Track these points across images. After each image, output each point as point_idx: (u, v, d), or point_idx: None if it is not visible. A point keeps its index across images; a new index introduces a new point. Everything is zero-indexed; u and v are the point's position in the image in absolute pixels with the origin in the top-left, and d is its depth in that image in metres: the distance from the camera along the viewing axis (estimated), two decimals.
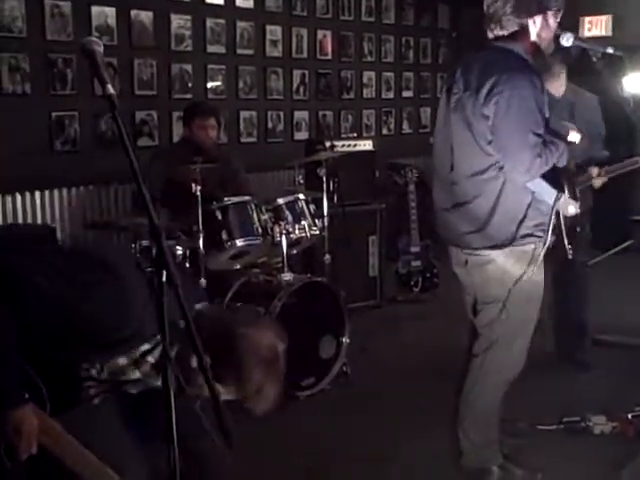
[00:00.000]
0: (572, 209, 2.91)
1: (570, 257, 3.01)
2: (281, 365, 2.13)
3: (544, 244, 2.95)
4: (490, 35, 2.98)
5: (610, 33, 7.95)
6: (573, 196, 2.96)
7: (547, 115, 2.90)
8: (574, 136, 3.06)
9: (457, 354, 3.35)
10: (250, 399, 2.09)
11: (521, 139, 2.79)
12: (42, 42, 5.43)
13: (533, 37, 2.93)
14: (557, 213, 2.93)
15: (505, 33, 2.93)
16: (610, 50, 3.07)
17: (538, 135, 2.80)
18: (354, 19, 7.77)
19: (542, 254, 2.98)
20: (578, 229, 3.09)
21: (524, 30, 2.92)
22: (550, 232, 2.93)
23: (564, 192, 2.92)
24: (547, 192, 2.91)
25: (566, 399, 3.99)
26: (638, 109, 4.18)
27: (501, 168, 2.89)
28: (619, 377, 4.29)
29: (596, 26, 8.04)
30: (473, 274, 3.09)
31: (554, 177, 2.91)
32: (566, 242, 2.99)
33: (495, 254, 2.98)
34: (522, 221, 2.93)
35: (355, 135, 6.86)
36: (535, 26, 2.92)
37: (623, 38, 7.33)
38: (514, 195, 2.92)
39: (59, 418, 2.05)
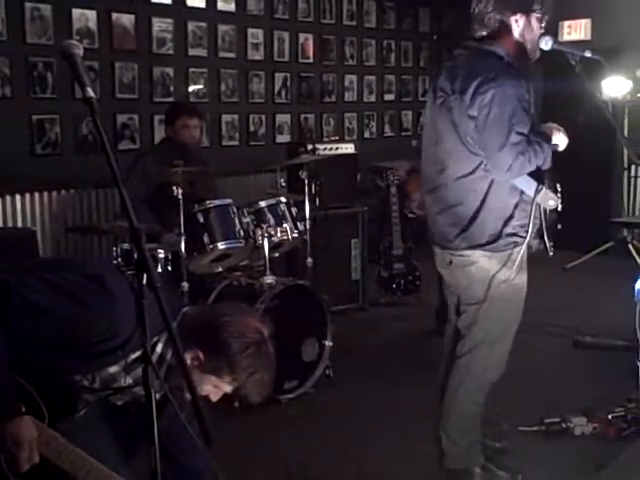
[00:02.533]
0: (552, 202, 2.92)
1: (551, 254, 3.02)
2: (270, 348, 2.18)
3: (525, 243, 2.96)
4: (475, 36, 3.00)
5: (589, 37, 8.02)
6: (553, 189, 2.98)
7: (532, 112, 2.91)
8: (560, 139, 3.02)
9: (440, 356, 3.36)
10: (244, 386, 2.12)
11: (502, 137, 2.80)
12: (22, 45, 5.41)
13: (516, 36, 2.95)
14: (538, 207, 2.94)
15: (486, 32, 2.95)
16: (588, 54, 3.09)
17: (521, 134, 2.81)
18: (335, 23, 7.79)
19: (525, 255, 3.00)
20: (559, 226, 3.10)
21: (505, 28, 2.94)
22: (531, 229, 2.94)
23: (544, 184, 2.92)
24: (527, 184, 2.92)
25: (547, 400, 4.01)
26: (617, 112, 4.22)
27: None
28: (600, 378, 4.33)
29: (575, 30, 8.11)
30: (457, 275, 3.11)
31: (535, 170, 2.91)
32: (546, 239, 3.00)
33: (478, 255, 2.99)
34: (508, 220, 2.95)
35: (337, 138, 6.87)
36: (518, 25, 2.94)
37: (602, 42, 7.39)
38: (501, 195, 2.94)
39: (55, 428, 2.05)
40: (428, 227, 3.20)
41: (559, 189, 3.02)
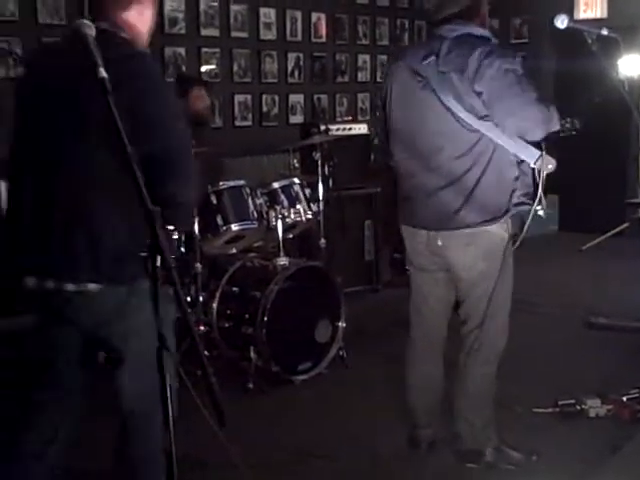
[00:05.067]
0: (551, 167, 2.93)
1: (544, 217, 3.02)
2: None
3: (532, 210, 2.97)
4: (441, 16, 2.97)
5: (605, 15, 7.91)
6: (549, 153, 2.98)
7: None
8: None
9: (454, 337, 3.36)
10: None
11: (527, 96, 2.84)
12: (34, 26, 5.39)
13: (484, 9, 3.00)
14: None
15: (459, 8, 2.94)
16: (605, 32, 3.05)
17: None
18: (348, 1, 7.72)
19: (528, 223, 3.00)
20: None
21: (476, 3, 2.97)
22: (538, 199, 2.95)
23: (543, 150, 2.93)
24: (527, 151, 2.93)
25: (561, 382, 4.00)
26: (633, 91, 4.17)
27: (489, 141, 2.89)
28: (614, 360, 4.31)
29: (591, 8, 8.01)
30: (453, 256, 3.05)
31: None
32: (540, 200, 2.98)
33: (479, 229, 2.97)
34: (512, 193, 2.97)
35: (350, 118, 6.84)
36: None
37: (618, 20, 7.29)
38: (500, 170, 2.94)
39: None
40: (416, 214, 3.13)
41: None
